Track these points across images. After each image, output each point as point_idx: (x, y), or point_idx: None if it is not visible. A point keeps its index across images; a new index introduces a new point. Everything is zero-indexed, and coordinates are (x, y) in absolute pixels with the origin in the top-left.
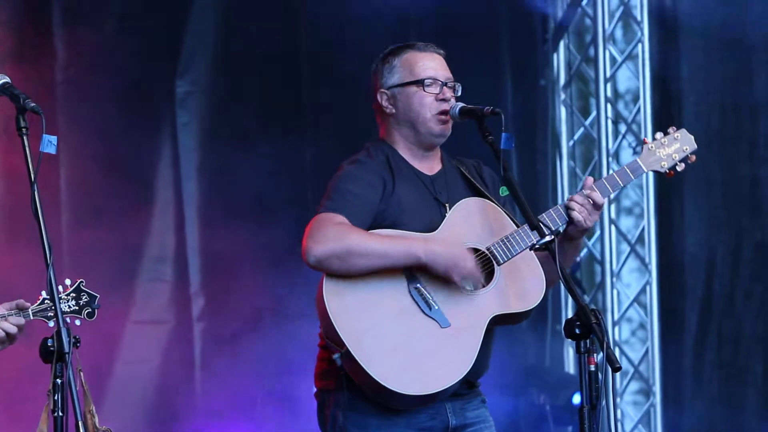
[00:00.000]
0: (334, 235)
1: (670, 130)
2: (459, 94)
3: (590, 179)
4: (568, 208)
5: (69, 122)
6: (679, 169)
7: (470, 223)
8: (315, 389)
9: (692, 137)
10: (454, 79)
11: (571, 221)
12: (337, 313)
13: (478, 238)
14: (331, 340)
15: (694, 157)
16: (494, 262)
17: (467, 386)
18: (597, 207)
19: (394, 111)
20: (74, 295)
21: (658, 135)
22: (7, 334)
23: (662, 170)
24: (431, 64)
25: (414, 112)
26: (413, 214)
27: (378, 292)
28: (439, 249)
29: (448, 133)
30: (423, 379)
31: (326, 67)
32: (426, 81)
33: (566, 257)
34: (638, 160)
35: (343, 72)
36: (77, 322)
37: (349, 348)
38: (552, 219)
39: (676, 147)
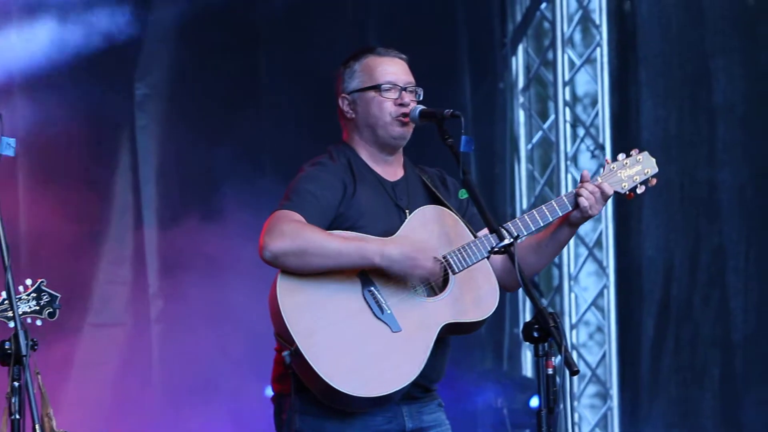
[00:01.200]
0: (290, 232)
1: (633, 152)
2: (420, 98)
3: (587, 172)
4: (577, 195)
5: (28, 124)
6: (639, 191)
7: (427, 231)
8: (272, 393)
9: (654, 160)
10: (415, 83)
11: (576, 206)
12: (289, 311)
13: (434, 246)
14: (281, 337)
15: (654, 180)
16: (449, 271)
17: (422, 390)
18: (605, 198)
19: (354, 116)
20: (35, 295)
21: (620, 156)
22: None
23: (622, 191)
24: (391, 69)
25: (373, 117)
26: (372, 218)
27: (331, 292)
28: (396, 252)
29: (408, 136)
30: (370, 382)
31: (286, 71)
32: (384, 86)
33: (559, 245)
34: (599, 179)
35: (301, 77)
36: (38, 322)
37: (298, 346)
38: (552, 210)
39: (637, 169)
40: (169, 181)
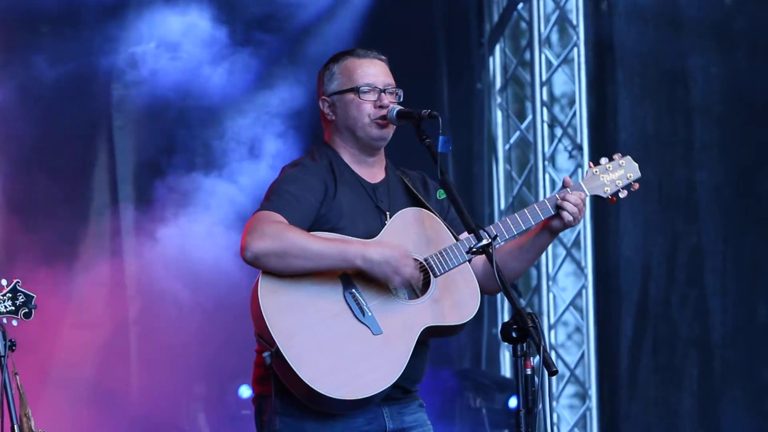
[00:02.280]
0: (272, 233)
1: (616, 156)
2: (401, 99)
3: (568, 178)
4: (560, 207)
5: (5, 124)
6: (621, 196)
7: (409, 233)
8: (252, 394)
9: (636, 165)
10: (395, 85)
11: (557, 217)
12: (270, 312)
13: (415, 248)
14: (262, 338)
15: (637, 185)
16: (431, 274)
17: (402, 391)
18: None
19: (334, 118)
20: (10, 295)
21: (603, 160)
22: None
23: (604, 195)
24: (370, 71)
25: (352, 119)
26: (353, 219)
27: (313, 294)
28: (377, 255)
29: (389, 137)
30: (350, 385)
31: (264, 70)
32: (363, 88)
33: (540, 251)
34: (582, 183)
35: (278, 77)
36: (14, 323)
37: (279, 347)
38: (535, 214)
39: (620, 174)
40: (146, 180)
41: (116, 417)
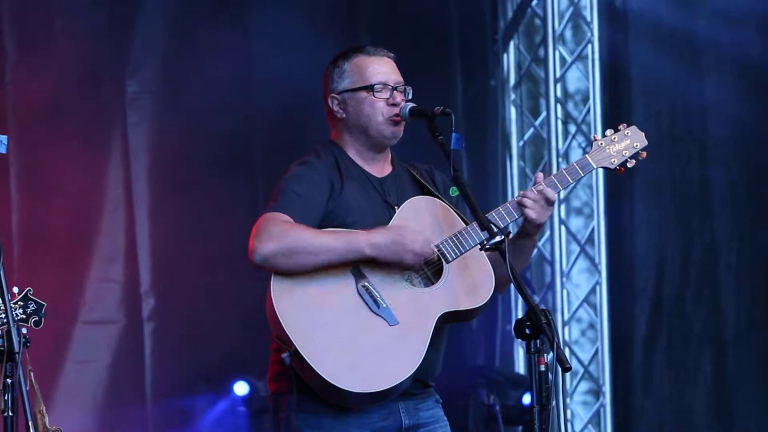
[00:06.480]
0: (278, 233)
1: (621, 126)
2: (410, 97)
3: (540, 175)
4: (520, 205)
5: (19, 121)
6: (629, 165)
7: (419, 221)
8: (269, 392)
9: (642, 134)
10: (404, 82)
11: (524, 217)
12: (285, 313)
13: (425, 233)
14: (280, 339)
15: (644, 154)
16: (443, 260)
17: (420, 386)
18: (549, 203)
19: (345, 116)
20: (21, 303)
21: (609, 132)
22: None
23: (612, 167)
24: (381, 69)
25: (365, 117)
26: (361, 215)
27: (325, 291)
28: (384, 238)
29: (401, 134)
30: (371, 377)
31: (277, 69)
32: (376, 86)
33: (522, 255)
34: (588, 156)
35: (293, 75)
36: (24, 330)
37: (297, 347)
38: (501, 216)
39: (626, 144)
40: (160, 178)
41: (130, 414)
